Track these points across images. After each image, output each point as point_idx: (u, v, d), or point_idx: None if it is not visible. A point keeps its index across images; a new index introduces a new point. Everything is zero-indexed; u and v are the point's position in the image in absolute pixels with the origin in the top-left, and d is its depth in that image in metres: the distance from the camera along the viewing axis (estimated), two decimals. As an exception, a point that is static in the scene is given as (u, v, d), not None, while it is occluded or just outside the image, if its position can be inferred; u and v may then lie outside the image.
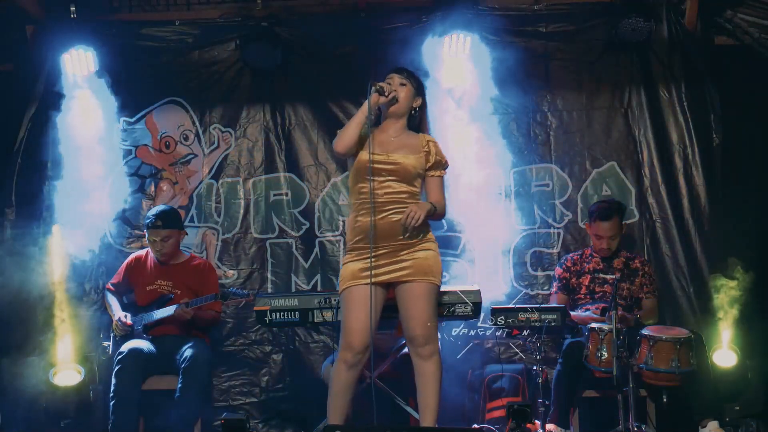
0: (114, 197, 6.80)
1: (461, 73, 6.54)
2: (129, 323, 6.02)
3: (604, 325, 5.56)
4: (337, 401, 4.99)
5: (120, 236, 6.80)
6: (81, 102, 6.64)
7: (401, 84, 5.09)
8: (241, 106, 6.83)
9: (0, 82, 6.83)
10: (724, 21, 6.59)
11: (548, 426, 5.62)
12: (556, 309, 5.68)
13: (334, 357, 5.15)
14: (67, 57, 6.52)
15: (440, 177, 5.13)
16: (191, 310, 5.89)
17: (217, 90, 6.83)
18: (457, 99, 6.63)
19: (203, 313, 5.99)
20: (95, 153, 6.71)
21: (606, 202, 6.18)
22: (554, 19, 6.73)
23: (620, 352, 5.33)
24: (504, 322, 5.66)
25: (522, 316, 5.64)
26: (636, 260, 6.20)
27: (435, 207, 5.01)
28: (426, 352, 4.96)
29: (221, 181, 6.87)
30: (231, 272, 6.75)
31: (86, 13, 6.59)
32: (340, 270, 5.08)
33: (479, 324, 6.56)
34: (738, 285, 6.09)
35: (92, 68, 6.57)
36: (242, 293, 5.92)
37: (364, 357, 4.96)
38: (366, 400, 5.08)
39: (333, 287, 6.40)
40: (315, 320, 5.59)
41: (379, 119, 5.09)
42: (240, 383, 6.68)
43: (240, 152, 6.84)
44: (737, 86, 6.61)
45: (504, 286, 6.64)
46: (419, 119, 5.16)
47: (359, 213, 5.02)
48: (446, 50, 6.48)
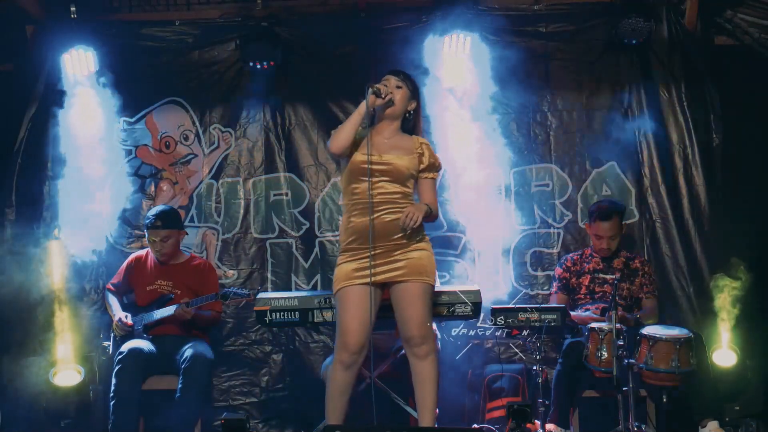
0: (114, 197, 6.80)
1: (461, 73, 6.54)
2: (129, 323, 6.02)
3: (604, 325, 5.56)
4: (335, 402, 4.99)
5: (120, 236, 6.80)
6: (81, 102, 6.63)
7: (397, 86, 5.10)
8: (241, 106, 6.83)
9: (0, 82, 6.83)
10: (724, 21, 6.59)
11: (548, 426, 5.62)
12: (556, 309, 5.68)
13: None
14: (67, 57, 6.52)
15: (433, 179, 5.15)
16: (191, 310, 5.90)
17: (217, 90, 6.82)
18: (458, 99, 6.63)
19: (203, 313, 6.00)
20: (95, 153, 6.71)
21: (606, 202, 6.19)
22: (554, 19, 6.73)
23: (620, 352, 5.34)
24: (504, 322, 5.67)
25: (522, 316, 5.64)
26: (636, 260, 6.20)
27: (430, 209, 5.03)
28: (422, 352, 4.96)
29: (221, 181, 6.87)
30: (231, 272, 6.75)
31: (86, 13, 6.60)
32: (335, 271, 5.08)
33: (479, 324, 6.56)
34: (741, 285, 6.09)
35: (92, 68, 6.57)
36: (242, 293, 5.93)
37: (360, 357, 4.96)
38: (366, 400, 5.08)
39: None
40: (315, 320, 5.59)
41: (373, 120, 5.08)
42: (240, 383, 6.68)
43: (240, 152, 6.84)
44: (737, 86, 6.61)
45: (504, 286, 6.63)
46: (414, 122, 5.18)
47: (352, 213, 5.03)
48: (446, 50, 6.48)
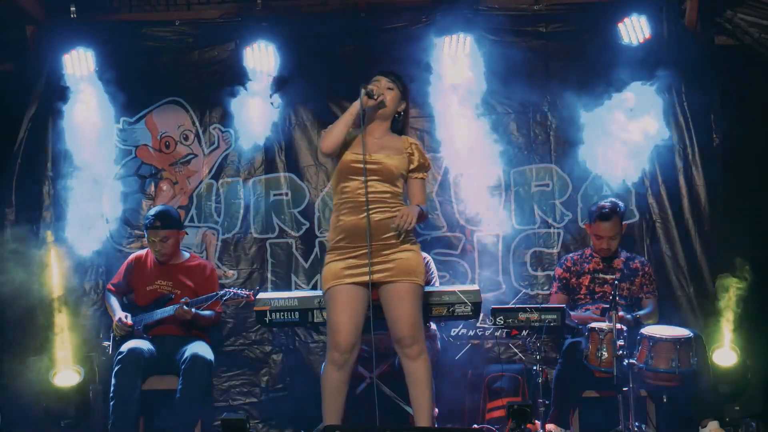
0: (114, 197, 6.80)
1: (461, 73, 6.53)
2: (129, 323, 6.02)
3: (604, 325, 5.56)
4: (331, 403, 4.99)
5: (120, 236, 6.80)
6: (81, 102, 6.62)
7: (388, 88, 5.12)
8: (241, 106, 6.83)
9: (0, 82, 6.83)
10: (724, 21, 6.59)
11: (548, 426, 5.61)
12: (556, 309, 5.68)
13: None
14: (67, 57, 6.52)
15: (423, 179, 5.18)
16: (191, 310, 5.89)
17: (217, 90, 6.81)
18: (458, 99, 6.61)
19: (203, 313, 5.98)
20: (95, 153, 6.71)
21: (606, 203, 6.18)
22: (554, 19, 6.73)
23: (620, 352, 5.33)
24: (504, 322, 5.66)
25: (522, 316, 5.63)
26: (636, 260, 6.20)
27: (422, 209, 5.04)
28: (414, 353, 4.95)
29: (221, 181, 6.87)
30: (231, 272, 6.75)
31: (86, 13, 6.61)
32: (323, 270, 5.07)
33: (479, 324, 6.56)
34: (746, 285, 6.09)
35: (92, 68, 6.56)
36: (242, 293, 5.93)
37: (352, 356, 4.97)
38: (366, 400, 5.07)
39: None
40: (315, 320, 5.59)
41: (363, 121, 5.07)
42: (240, 383, 6.68)
43: (240, 152, 6.84)
44: (737, 86, 6.60)
45: (504, 286, 6.64)
46: (403, 122, 5.22)
47: (342, 212, 5.03)
48: (446, 50, 6.48)
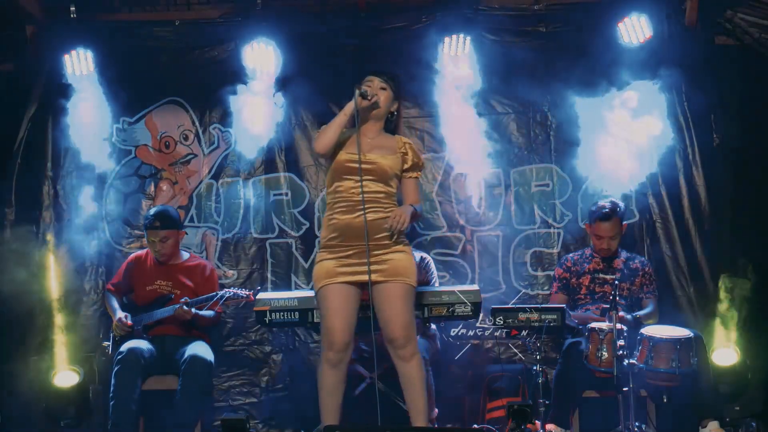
0: (114, 197, 6.80)
1: (461, 73, 6.53)
2: (129, 324, 6.01)
3: (604, 325, 5.56)
4: (328, 402, 4.99)
5: (120, 236, 6.80)
6: (81, 102, 6.62)
7: (381, 88, 5.13)
8: (241, 106, 6.83)
9: (0, 82, 6.83)
10: (724, 21, 6.58)
11: (548, 426, 5.61)
12: (556, 309, 5.67)
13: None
14: (67, 57, 6.52)
15: (417, 179, 5.18)
16: (191, 311, 5.89)
17: (217, 90, 6.81)
18: (458, 99, 6.61)
19: (203, 313, 5.98)
20: (95, 153, 6.72)
21: (606, 203, 6.17)
22: (554, 19, 6.72)
23: (620, 352, 5.33)
24: (504, 322, 5.66)
25: (522, 316, 5.63)
26: (636, 260, 6.19)
27: (415, 209, 5.04)
28: (407, 354, 4.95)
29: (221, 181, 6.87)
30: (231, 272, 6.76)
31: (86, 13, 6.61)
32: (314, 268, 5.07)
33: (479, 324, 6.56)
34: (747, 285, 6.08)
35: (92, 68, 6.56)
36: (242, 293, 5.92)
37: (347, 355, 4.97)
38: (366, 400, 5.07)
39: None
40: (315, 320, 5.58)
41: (357, 121, 5.07)
42: (240, 383, 6.68)
43: (240, 152, 6.83)
44: (737, 86, 6.60)
45: (504, 286, 6.64)
46: (396, 122, 5.23)
47: (335, 210, 5.03)
48: (446, 50, 6.47)
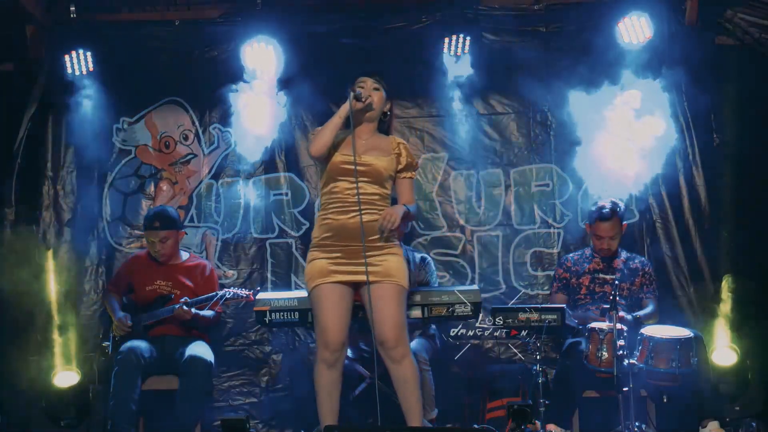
0: (114, 197, 6.80)
1: (461, 73, 6.53)
2: (129, 324, 6.01)
3: (604, 325, 5.56)
4: (326, 402, 4.99)
5: (120, 236, 6.80)
6: (81, 102, 6.63)
7: (374, 88, 5.13)
8: (241, 106, 6.82)
9: (0, 82, 6.83)
10: (724, 21, 6.58)
11: (548, 426, 5.60)
12: (556, 309, 5.67)
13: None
14: (68, 57, 6.53)
15: (411, 179, 5.18)
16: (191, 311, 5.89)
17: (217, 90, 6.80)
18: (458, 99, 6.63)
19: (203, 314, 5.99)
20: (95, 153, 6.72)
21: (606, 203, 6.17)
22: (554, 19, 6.72)
23: (620, 352, 5.33)
24: (504, 322, 5.66)
25: (522, 316, 5.63)
26: (636, 260, 6.19)
27: (408, 209, 5.04)
28: (398, 355, 4.93)
29: (221, 181, 6.87)
30: (231, 272, 6.76)
31: (86, 13, 6.61)
32: (306, 267, 5.06)
33: (479, 324, 6.56)
34: (747, 285, 6.08)
35: (92, 68, 6.57)
36: (242, 293, 5.92)
37: (342, 355, 4.98)
38: (366, 400, 5.07)
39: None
40: (314, 320, 5.58)
41: (352, 123, 5.06)
42: (240, 383, 6.68)
43: (240, 152, 6.83)
44: (738, 86, 6.59)
45: (504, 286, 6.64)
46: (389, 123, 5.24)
47: (330, 211, 5.03)
48: (446, 50, 6.47)
